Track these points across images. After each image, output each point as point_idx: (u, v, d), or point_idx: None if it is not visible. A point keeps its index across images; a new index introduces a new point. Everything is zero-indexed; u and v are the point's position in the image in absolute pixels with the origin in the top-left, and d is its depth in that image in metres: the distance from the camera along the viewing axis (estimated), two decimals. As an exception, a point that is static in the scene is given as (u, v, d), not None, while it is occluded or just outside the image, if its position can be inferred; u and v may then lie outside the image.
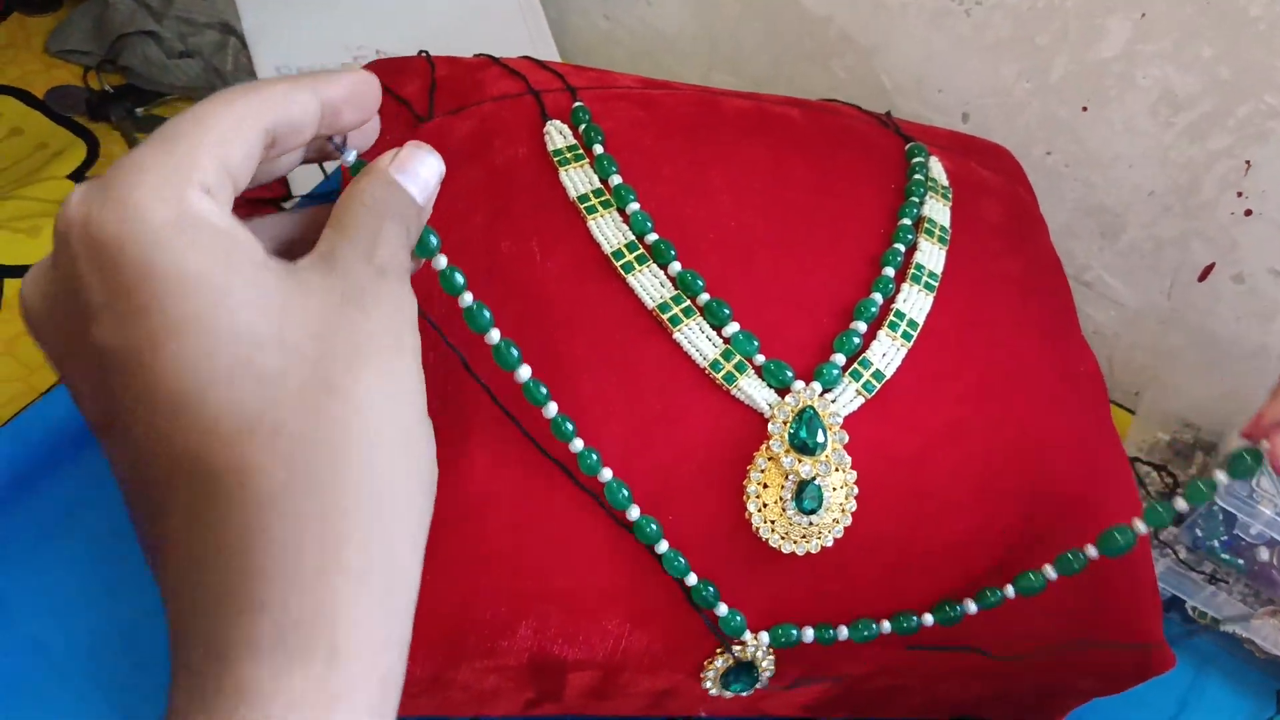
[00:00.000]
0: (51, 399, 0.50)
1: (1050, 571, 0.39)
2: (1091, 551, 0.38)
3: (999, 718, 0.49)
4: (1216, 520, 0.55)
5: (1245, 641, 0.56)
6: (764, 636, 0.40)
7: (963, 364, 0.43)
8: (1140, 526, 0.37)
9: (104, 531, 0.48)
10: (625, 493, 0.37)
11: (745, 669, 0.40)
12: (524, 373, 0.35)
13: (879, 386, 0.41)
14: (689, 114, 0.46)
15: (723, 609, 0.39)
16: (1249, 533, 0.55)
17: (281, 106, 0.27)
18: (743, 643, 0.39)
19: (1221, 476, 0.35)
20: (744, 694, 0.41)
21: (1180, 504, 0.36)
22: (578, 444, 0.37)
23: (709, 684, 0.41)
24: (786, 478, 0.38)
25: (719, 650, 0.40)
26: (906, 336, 0.42)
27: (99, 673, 0.44)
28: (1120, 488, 0.46)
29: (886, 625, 0.40)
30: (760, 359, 0.40)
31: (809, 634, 0.40)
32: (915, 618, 0.40)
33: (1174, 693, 0.54)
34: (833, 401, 0.40)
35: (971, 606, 0.40)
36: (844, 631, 0.40)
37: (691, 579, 0.38)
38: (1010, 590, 0.40)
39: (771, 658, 0.40)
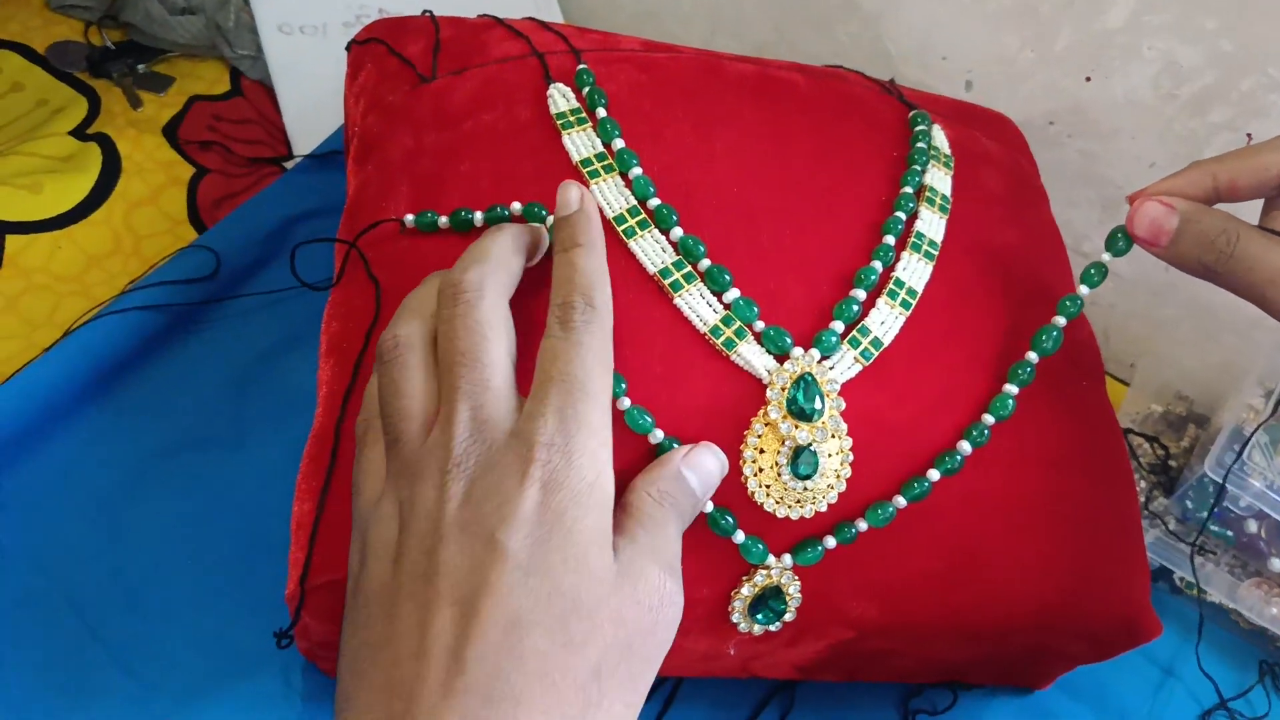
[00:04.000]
0: (53, 356, 0.50)
1: (1032, 356, 0.43)
2: (1060, 320, 0.43)
3: (988, 681, 0.50)
4: (1207, 492, 0.56)
5: (1231, 612, 0.57)
6: (787, 559, 0.39)
7: (960, 333, 0.44)
8: (1084, 290, 0.43)
9: (104, 488, 0.48)
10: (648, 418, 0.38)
11: (772, 595, 0.40)
12: None
13: (876, 354, 0.41)
14: (693, 78, 0.46)
15: (740, 536, 0.39)
16: (1238, 505, 0.55)
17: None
18: (768, 568, 0.39)
19: (1106, 257, 0.42)
20: (772, 628, 0.41)
21: (1105, 257, 0.42)
22: (625, 403, 0.38)
23: (737, 617, 0.40)
24: (783, 443, 0.38)
25: (744, 578, 0.40)
26: (905, 305, 0.43)
27: (99, 625, 0.44)
28: (1115, 462, 0.47)
29: (901, 500, 0.40)
30: (760, 325, 0.40)
31: (830, 541, 0.40)
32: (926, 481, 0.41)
33: (1160, 660, 0.55)
34: (831, 368, 0.40)
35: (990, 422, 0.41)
36: (863, 524, 0.40)
37: (708, 506, 0.38)
38: (1012, 388, 0.42)
39: (797, 583, 0.40)
